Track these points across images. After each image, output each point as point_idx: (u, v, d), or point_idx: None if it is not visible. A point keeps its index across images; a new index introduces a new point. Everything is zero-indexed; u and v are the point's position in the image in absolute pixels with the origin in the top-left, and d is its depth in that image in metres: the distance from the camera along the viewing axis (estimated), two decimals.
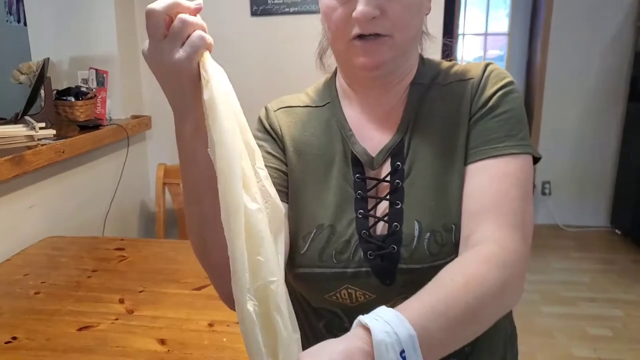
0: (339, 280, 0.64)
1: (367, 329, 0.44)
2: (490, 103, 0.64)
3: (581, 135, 3.58)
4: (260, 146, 0.71)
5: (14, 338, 1.00)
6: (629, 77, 3.46)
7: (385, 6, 0.59)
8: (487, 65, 0.68)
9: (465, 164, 0.63)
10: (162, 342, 0.99)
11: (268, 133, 0.73)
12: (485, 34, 5.12)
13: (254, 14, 2.16)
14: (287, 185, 0.71)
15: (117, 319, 1.08)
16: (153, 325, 1.05)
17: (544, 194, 3.67)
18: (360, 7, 0.58)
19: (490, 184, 0.60)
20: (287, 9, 2.13)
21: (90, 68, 2.03)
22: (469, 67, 0.70)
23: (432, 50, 0.76)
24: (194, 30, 0.49)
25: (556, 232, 3.59)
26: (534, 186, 3.24)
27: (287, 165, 0.71)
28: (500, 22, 4.93)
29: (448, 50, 0.99)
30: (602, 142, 3.57)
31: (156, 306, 1.13)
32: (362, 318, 0.45)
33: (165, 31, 0.49)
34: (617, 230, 3.53)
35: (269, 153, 0.71)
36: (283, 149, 0.71)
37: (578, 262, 3.12)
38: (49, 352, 0.96)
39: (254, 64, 2.23)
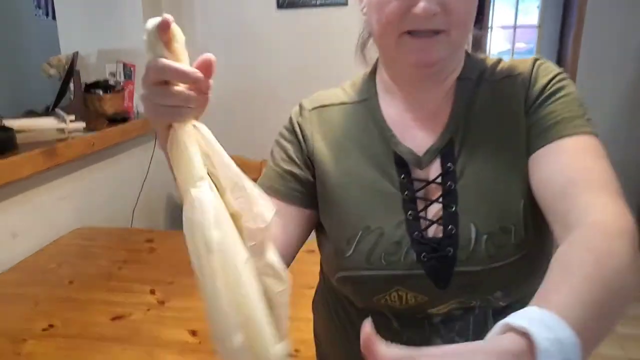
0: (389, 282, 0.62)
1: (521, 333, 0.35)
2: (548, 90, 0.62)
3: (615, 131, 3.48)
4: (282, 147, 0.71)
5: (51, 325, 1.04)
6: None
7: (446, 1, 0.56)
8: (535, 59, 0.66)
9: (533, 151, 0.60)
10: (194, 333, 1.01)
11: (295, 135, 0.71)
12: (515, 27, 4.99)
13: (280, 6, 2.16)
14: (304, 190, 0.69)
15: (149, 310, 1.10)
16: (184, 317, 1.07)
17: None
18: (422, 4, 0.56)
19: (573, 159, 0.57)
20: (313, 2, 2.12)
21: (118, 61, 2.06)
22: (516, 63, 0.67)
23: None
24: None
25: None
26: None
27: (310, 171, 0.70)
28: (530, 15, 4.82)
29: (477, 43, 0.97)
30: (637, 138, 3.47)
31: (187, 298, 1.15)
32: (515, 320, 0.36)
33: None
34: None
35: (290, 157, 0.70)
36: (309, 155, 0.69)
37: None
38: (84, 341, 0.98)
39: (280, 58, 2.23)
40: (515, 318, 0.36)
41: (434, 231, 0.62)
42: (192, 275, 1.39)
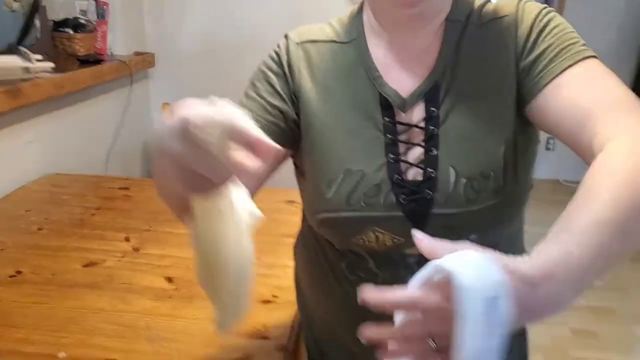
0: (367, 223, 0.63)
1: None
2: (537, 27, 0.61)
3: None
4: (267, 79, 0.68)
5: (19, 272, 1.00)
6: None
7: None
8: (519, 0, 0.64)
9: (538, 91, 0.59)
10: (170, 279, 0.99)
11: (282, 67, 0.68)
12: None
13: None
14: (285, 127, 0.67)
15: (123, 257, 1.08)
16: (160, 264, 1.05)
17: (547, 149, 3.66)
18: None
19: (587, 84, 0.55)
20: None
21: None
22: (501, 5, 0.65)
23: None
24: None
25: (556, 187, 3.63)
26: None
27: (294, 108, 0.67)
28: None
29: None
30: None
31: (162, 245, 1.12)
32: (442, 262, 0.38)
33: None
34: None
35: (275, 90, 0.67)
36: (295, 91, 0.67)
37: None
38: (54, 287, 0.96)
39: (266, 3, 2.13)
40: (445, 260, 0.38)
41: (414, 174, 0.63)
42: (169, 223, 1.37)
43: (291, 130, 0.68)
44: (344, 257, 0.69)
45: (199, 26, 2.19)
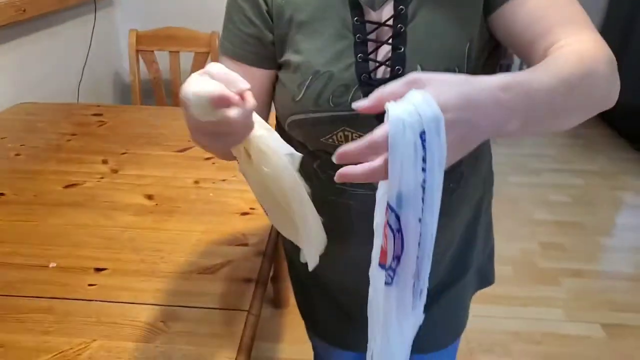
0: (336, 123, 0.64)
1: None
2: None
3: None
4: (239, 8, 0.67)
5: (2, 194, 1.02)
6: None
7: None
8: None
9: (499, 4, 0.60)
10: (150, 197, 1.02)
11: None
12: None
13: None
14: (268, 52, 0.68)
15: (102, 178, 1.10)
16: (139, 183, 1.07)
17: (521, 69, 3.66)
18: None
19: (547, 4, 0.58)
20: None
21: None
22: None
23: None
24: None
25: None
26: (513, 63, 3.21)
27: (269, 26, 0.67)
28: None
29: None
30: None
31: (141, 166, 1.14)
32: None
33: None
34: None
35: (249, 19, 0.67)
36: (268, 9, 0.67)
37: (548, 137, 3.24)
38: (38, 206, 0.98)
39: None
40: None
41: (382, 72, 0.64)
42: (146, 146, 1.38)
43: (272, 52, 0.69)
44: (316, 157, 0.71)
45: None
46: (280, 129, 0.80)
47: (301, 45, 0.66)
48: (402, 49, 0.62)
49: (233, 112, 0.44)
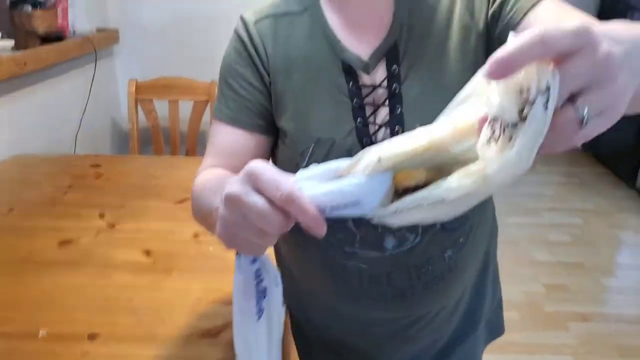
0: None
1: None
2: None
3: None
4: (239, 73, 0.68)
5: None
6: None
7: None
8: None
9: (514, 25, 0.59)
10: (148, 253, 0.99)
11: (250, 56, 0.68)
12: None
13: None
14: (269, 118, 0.68)
15: (98, 233, 1.07)
16: (137, 237, 1.05)
17: None
18: None
19: (556, 16, 0.56)
20: None
21: None
22: None
23: None
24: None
25: None
26: None
27: (271, 89, 0.68)
28: None
29: None
30: None
31: (139, 219, 1.12)
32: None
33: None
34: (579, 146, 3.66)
35: (251, 84, 0.67)
36: (267, 71, 0.67)
37: (544, 176, 3.26)
38: (31, 266, 0.95)
39: None
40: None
41: (383, 135, 0.64)
42: (144, 197, 1.36)
43: (272, 117, 0.69)
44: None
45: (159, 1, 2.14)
46: None
47: (300, 111, 0.66)
48: (400, 110, 0.62)
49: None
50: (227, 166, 0.66)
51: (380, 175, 0.39)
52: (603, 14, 3.44)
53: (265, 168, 0.39)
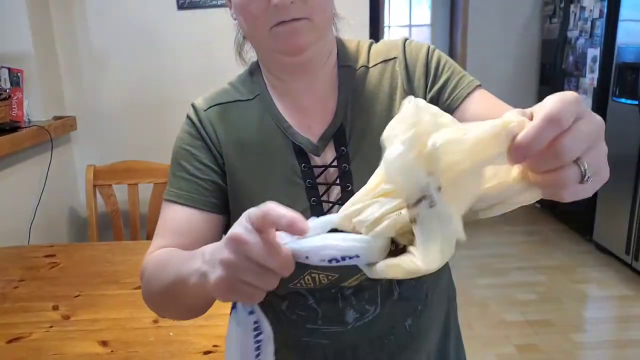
0: (301, 269, 0.62)
1: None
2: (433, 61, 0.69)
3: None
4: (191, 154, 0.69)
5: None
6: (539, 64, 3.77)
7: None
8: (404, 40, 0.72)
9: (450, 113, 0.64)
10: (104, 343, 0.95)
11: (202, 139, 0.70)
12: (410, 26, 5.32)
13: (180, 7, 2.10)
14: (222, 197, 0.69)
15: (51, 327, 1.02)
16: (93, 328, 1.00)
17: None
18: None
19: (486, 105, 0.64)
20: (215, 2, 2.09)
21: (2, 67, 1.89)
22: (388, 46, 0.72)
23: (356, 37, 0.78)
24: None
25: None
26: None
27: (224, 172, 0.69)
28: (424, 14, 5.19)
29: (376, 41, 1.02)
30: None
31: (95, 309, 1.08)
32: None
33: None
34: (537, 205, 3.81)
35: (204, 164, 0.68)
36: (220, 154, 0.69)
37: (507, 236, 3.34)
38: None
39: (183, 59, 2.17)
40: None
41: (336, 211, 0.64)
42: (101, 285, 1.32)
43: (226, 197, 0.69)
44: (283, 299, 0.70)
45: (118, 85, 2.19)
46: None
47: (253, 191, 0.67)
48: (351, 187, 0.65)
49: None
50: (179, 246, 0.64)
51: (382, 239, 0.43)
52: (544, 79, 3.75)
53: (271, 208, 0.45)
